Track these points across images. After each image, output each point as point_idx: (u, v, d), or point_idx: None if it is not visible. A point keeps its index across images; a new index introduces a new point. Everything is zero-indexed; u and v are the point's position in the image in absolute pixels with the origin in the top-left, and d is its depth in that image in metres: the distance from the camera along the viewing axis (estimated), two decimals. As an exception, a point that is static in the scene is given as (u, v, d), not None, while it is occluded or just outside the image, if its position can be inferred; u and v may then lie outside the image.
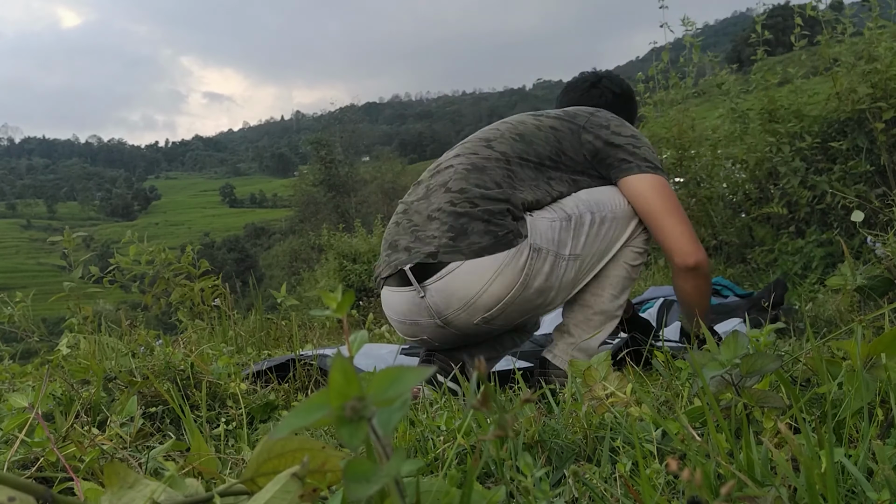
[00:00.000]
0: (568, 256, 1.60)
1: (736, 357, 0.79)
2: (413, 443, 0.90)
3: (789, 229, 4.09)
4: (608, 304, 1.70)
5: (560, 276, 1.60)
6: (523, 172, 1.63)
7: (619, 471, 0.72)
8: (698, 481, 0.44)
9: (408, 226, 1.61)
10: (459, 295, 1.52)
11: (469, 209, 1.53)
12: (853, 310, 1.80)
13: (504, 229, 1.51)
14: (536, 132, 1.71)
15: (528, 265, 1.52)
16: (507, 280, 1.51)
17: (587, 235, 1.63)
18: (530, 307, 1.60)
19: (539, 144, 1.68)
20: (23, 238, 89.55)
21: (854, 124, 3.71)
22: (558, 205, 1.66)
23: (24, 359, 2.70)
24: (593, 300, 1.70)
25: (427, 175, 1.72)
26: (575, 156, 1.71)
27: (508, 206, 1.54)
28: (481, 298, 1.52)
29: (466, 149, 1.70)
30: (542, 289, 1.57)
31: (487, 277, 1.50)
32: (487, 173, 1.59)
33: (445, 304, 1.54)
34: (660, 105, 5.05)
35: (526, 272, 1.52)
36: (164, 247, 3.42)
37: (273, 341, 2.62)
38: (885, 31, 3.70)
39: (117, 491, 0.59)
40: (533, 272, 1.54)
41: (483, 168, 1.61)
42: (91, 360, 1.51)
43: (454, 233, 1.51)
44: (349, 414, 0.37)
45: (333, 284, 7.95)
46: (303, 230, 31.35)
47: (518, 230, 1.53)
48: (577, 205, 1.66)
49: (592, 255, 1.65)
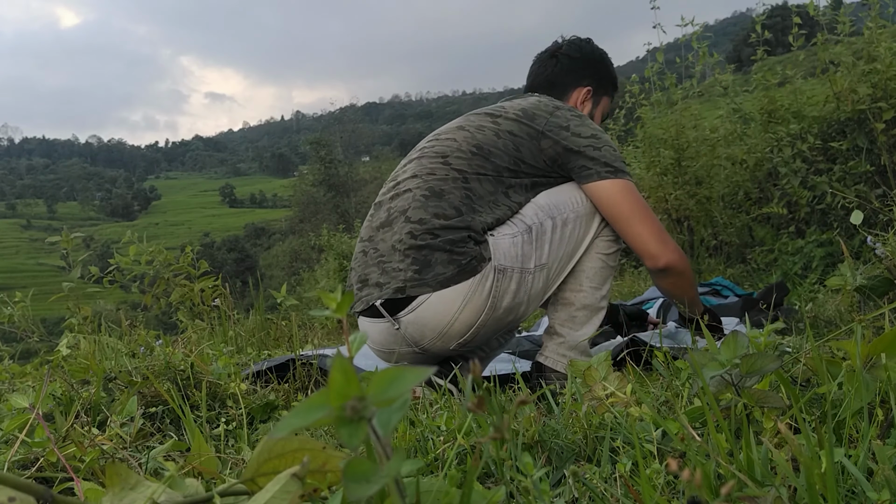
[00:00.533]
0: (534, 269, 1.61)
1: (736, 357, 0.79)
2: (413, 443, 0.90)
3: (789, 229, 4.10)
4: (590, 298, 1.70)
5: (528, 290, 1.61)
6: (482, 188, 1.62)
7: (619, 471, 0.72)
8: (698, 481, 0.44)
9: (374, 256, 1.62)
10: (431, 325, 1.54)
11: (430, 240, 1.53)
12: (853, 310, 1.80)
13: (467, 257, 1.52)
14: (495, 140, 1.66)
15: (494, 288, 1.55)
16: (476, 306, 1.54)
17: (550, 242, 1.63)
18: (503, 324, 1.64)
19: (497, 156, 1.65)
20: (23, 238, 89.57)
21: (854, 124, 3.71)
22: (518, 217, 1.64)
23: (24, 359, 2.70)
24: (574, 297, 1.70)
25: (386, 196, 1.69)
26: (535, 162, 1.68)
27: (469, 233, 1.54)
28: (453, 327, 1.55)
29: (423, 167, 1.66)
30: (511, 306, 1.60)
31: (457, 307, 1.52)
32: (446, 198, 1.57)
33: (420, 335, 1.57)
34: (657, 105, 5.05)
35: (493, 295, 1.55)
36: (164, 247, 3.42)
37: (273, 341, 2.62)
38: (885, 31, 3.70)
39: (118, 492, 0.59)
40: (500, 293, 1.56)
41: (441, 193, 1.58)
42: (91, 361, 1.51)
43: (419, 265, 1.52)
44: (349, 414, 0.37)
45: (333, 285, 7.96)
46: (303, 230, 31.35)
47: (481, 254, 1.54)
48: (536, 213, 1.64)
49: (560, 259, 1.66)
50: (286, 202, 73.59)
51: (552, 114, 1.71)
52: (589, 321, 1.70)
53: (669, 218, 4.78)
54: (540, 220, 1.63)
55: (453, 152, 1.65)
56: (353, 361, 0.41)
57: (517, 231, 1.60)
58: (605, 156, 1.67)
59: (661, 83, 5.10)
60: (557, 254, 1.65)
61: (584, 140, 1.68)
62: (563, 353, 1.68)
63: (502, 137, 1.67)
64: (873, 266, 1.72)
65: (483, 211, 1.59)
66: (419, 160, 1.69)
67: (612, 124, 5.78)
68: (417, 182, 1.62)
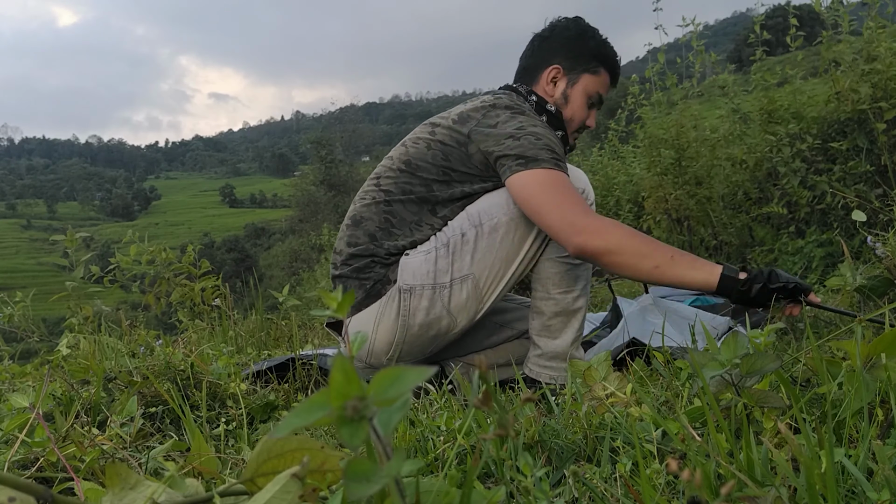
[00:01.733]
0: (450, 282, 1.60)
1: (736, 357, 0.79)
2: (413, 443, 0.90)
3: (789, 229, 4.09)
4: (561, 304, 1.65)
5: (446, 303, 1.60)
6: (405, 210, 1.66)
7: (619, 471, 0.72)
8: (698, 481, 0.44)
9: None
10: None
11: (343, 270, 1.67)
12: (853, 310, 1.80)
13: (371, 281, 1.63)
14: (425, 153, 1.66)
15: (402, 308, 1.60)
16: (388, 326, 1.62)
17: (474, 252, 1.61)
18: (427, 339, 1.65)
19: (425, 169, 1.65)
20: (23, 238, 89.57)
21: (854, 124, 3.71)
22: (442, 231, 1.64)
23: (24, 359, 2.70)
24: (544, 305, 1.67)
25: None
26: (466, 169, 1.65)
27: (373, 258, 1.63)
28: (375, 346, 1.65)
29: (362, 191, 1.74)
30: (428, 322, 1.62)
31: (371, 328, 1.62)
32: (363, 226, 1.67)
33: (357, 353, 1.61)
34: (657, 106, 5.05)
35: (402, 314, 1.61)
36: (165, 246, 3.42)
37: (273, 341, 2.62)
38: (885, 31, 3.70)
39: (118, 492, 0.59)
40: (410, 311, 1.61)
41: (360, 221, 1.68)
42: (91, 361, 1.51)
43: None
44: (350, 414, 0.37)
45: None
46: (303, 230, 31.35)
47: (386, 276, 1.62)
48: (460, 225, 1.63)
49: (492, 265, 1.62)
50: (286, 202, 73.63)
51: (485, 114, 1.65)
52: (566, 326, 1.66)
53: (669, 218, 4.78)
54: (462, 231, 1.62)
55: (385, 172, 1.72)
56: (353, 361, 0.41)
57: (432, 247, 1.62)
58: (521, 147, 1.56)
59: (661, 83, 5.10)
60: (486, 261, 1.61)
61: (505, 136, 1.59)
62: (544, 363, 1.66)
63: (433, 148, 1.67)
64: (873, 266, 1.72)
65: (400, 235, 1.65)
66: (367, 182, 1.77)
67: (614, 124, 5.78)
68: (351, 210, 1.74)
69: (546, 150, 1.57)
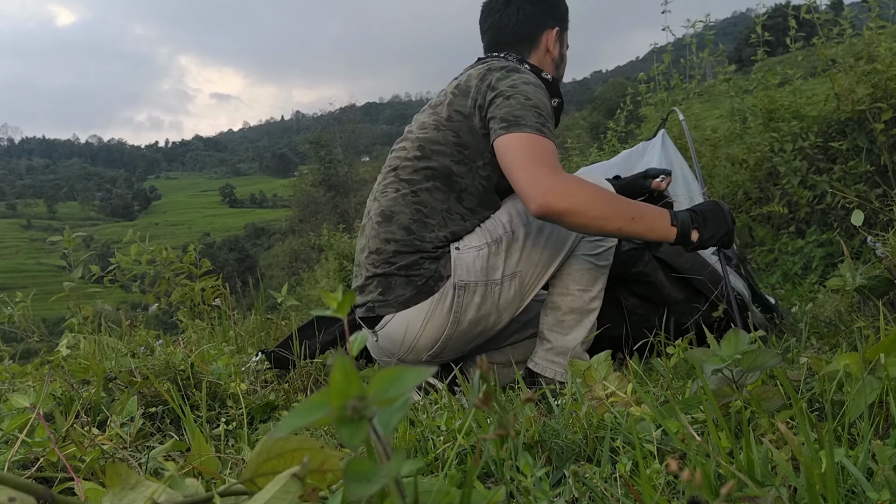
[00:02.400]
0: (501, 280, 1.62)
1: (737, 353, 0.79)
2: (413, 443, 0.90)
3: (789, 229, 4.09)
4: (578, 301, 1.68)
5: (496, 300, 1.62)
6: (433, 199, 1.62)
7: (619, 471, 0.72)
8: (698, 481, 0.44)
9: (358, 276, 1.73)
10: (399, 341, 1.63)
11: (388, 269, 1.62)
12: (853, 310, 1.80)
13: (423, 278, 1.59)
14: (436, 135, 1.64)
15: (455, 304, 1.59)
16: (438, 323, 1.60)
17: (522, 250, 1.63)
18: (473, 335, 1.66)
19: (441, 151, 1.63)
20: (23, 238, 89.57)
21: (854, 124, 3.71)
22: (489, 224, 1.64)
23: (24, 359, 2.70)
24: (561, 300, 1.69)
25: (364, 219, 1.76)
26: (476, 142, 1.62)
27: (421, 255, 1.60)
28: (420, 342, 1.62)
29: (380, 188, 1.71)
30: (477, 319, 1.62)
31: (419, 325, 1.60)
32: (395, 220, 1.63)
33: (393, 348, 1.65)
34: (660, 106, 5.05)
35: (455, 311, 1.60)
36: (166, 246, 3.42)
37: (273, 341, 2.62)
38: (885, 32, 3.70)
39: (118, 492, 0.59)
40: (462, 308, 1.60)
41: (391, 216, 1.64)
42: (91, 361, 1.51)
43: (382, 288, 1.62)
44: (350, 414, 0.37)
45: (333, 285, 7.96)
46: (303, 230, 31.33)
47: (439, 272, 1.59)
48: (509, 221, 1.64)
49: (537, 264, 1.65)
50: (286, 202, 73.60)
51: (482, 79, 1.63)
52: (579, 324, 1.68)
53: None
54: (513, 228, 1.63)
55: (401, 163, 1.69)
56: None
57: (483, 243, 1.62)
58: (509, 107, 1.54)
59: (665, 83, 5.10)
60: (532, 260, 1.64)
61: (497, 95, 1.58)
62: (552, 359, 1.67)
63: (442, 129, 1.65)
64: (873, 266, 1.72)
65: (435, 224, 1.62)
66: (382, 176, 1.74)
67: (612, 124, 5.78)
68: (376, 206, 1.69)
69: (534, 111, 1.54)
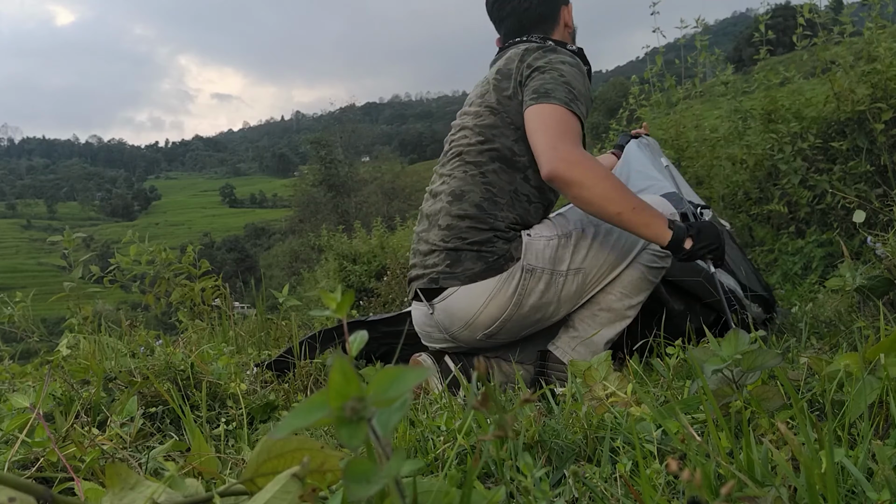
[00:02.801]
0: (566, 272, 1.64)
1: (737, 353, 0.79)
2: (413, 443, 0.90)
3: (789, 229, 4.09)
4: (616, 303, 1.69)
5: (559, 291, 1.65)
6: (499, 179, 1.67)
7: (619, 471, 0.72)
8: (698, 481, 0.44)
9: (418, 254, 1.75)
10: (459, 315, 1.64)
11: (459, 244, 1.64)
12: (853, 310, 1.80)
13: (494, 255, 1.61)
14: (493, 120, 1.70)
15: (520, 286, 1.61)
16: (501, 302, 1.61)
17: (589, 248, 1.66)
18: (530, 321, 1.67)
19: (501, 134, 1.69)
20: (23, 238, 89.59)
21: (854, 125, 3.71)
22: (560, 218, 1.69)
23: (24, 359, 2.70)
24: (601, 296, 1.70)
25: (426, 203, 1.80)
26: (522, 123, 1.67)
27: (495, 234, 1.62)
28: (479, 318, 1.63)
29: (447, 171, 1.75)
30: (538, 305, 1.64)
31: (482, 300, 1.61)
32: (467, 198, 1.66)
33: (450, 322, 1.67)
34: (656, 106, 5.05)
35: (519, 293, 1.61)
36: (165, 246, 3.42)
37: (273, 341, 2.62)
38: (885, 32, 3.70)
39: (118, 492, 0.59)
40: (526, 291, 1.62)
41: (461, 194, 1.67)
42: (91, 361, 1.51)
43: (450, 260, 1.64)
44: (349, 414, 0.37)
45: (333, 285, 7.96)
46: (303, 230, 31.33)
47: (510, 253, 1.61)
48: (580, 220, 1.68)
49: (601, 265, 1.67)
50: (286, 202, 73.64)
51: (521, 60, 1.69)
52: (610, 325, 1.70)
53: (669, 218, 4.77)
54: (582, 227, 1.68)
55: (465, 148, 1.72)
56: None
57: (554, 234, 1.65)
58: (542, 80, 1.62)
59: (660, 84, 5.10)
60: (598, 260, 1.67)
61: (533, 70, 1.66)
62: (574, 347, 1.68)
63: (498, 114, 1.70)
64: (873, 266, 1.72)
65: (505, 205, 1.65)
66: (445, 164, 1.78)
67: (614, 124, 5.79)
68: (445, 187, 1.73)
69: (565, 86, 1.61)
